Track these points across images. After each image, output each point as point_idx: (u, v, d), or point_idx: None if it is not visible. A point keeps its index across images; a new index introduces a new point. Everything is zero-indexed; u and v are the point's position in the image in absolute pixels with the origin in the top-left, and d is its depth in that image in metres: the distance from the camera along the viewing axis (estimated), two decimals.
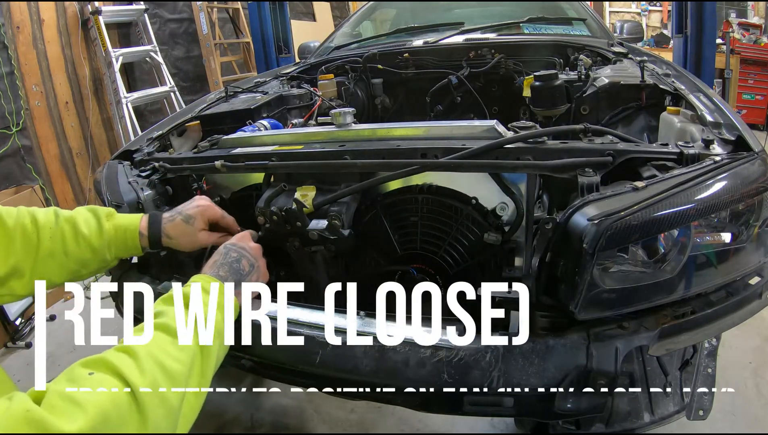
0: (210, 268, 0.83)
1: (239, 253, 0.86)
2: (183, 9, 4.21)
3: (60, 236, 0.83)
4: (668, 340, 0.80)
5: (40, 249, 0.81)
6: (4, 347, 2.14)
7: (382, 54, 1.99)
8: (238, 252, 0.86)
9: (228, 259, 0.84)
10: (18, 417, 0.47)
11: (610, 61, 1.66)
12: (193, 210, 0.95)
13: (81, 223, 0.86)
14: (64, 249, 0.83)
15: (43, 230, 0.81)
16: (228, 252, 0.85)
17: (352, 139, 1.06)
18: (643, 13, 7.13)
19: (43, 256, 0.81)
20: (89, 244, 0.86)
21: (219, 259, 0.84)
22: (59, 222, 0.84)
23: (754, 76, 5.06)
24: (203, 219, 0.95)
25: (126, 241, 0.91)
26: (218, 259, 0.84)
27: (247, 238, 0.91)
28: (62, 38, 3.10)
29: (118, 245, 0.91)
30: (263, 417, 1.66)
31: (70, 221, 0.85)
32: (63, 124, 3.07)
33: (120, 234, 0.90)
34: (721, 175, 0.80)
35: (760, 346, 1.83)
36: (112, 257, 0.91)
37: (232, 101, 1.63)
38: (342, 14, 6.46)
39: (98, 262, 0.89)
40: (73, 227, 0.85)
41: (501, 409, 0.83)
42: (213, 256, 0.86)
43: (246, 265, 0.85)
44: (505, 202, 1.00)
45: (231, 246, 0.87)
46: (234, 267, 0.84)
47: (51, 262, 0.82)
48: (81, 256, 0.85)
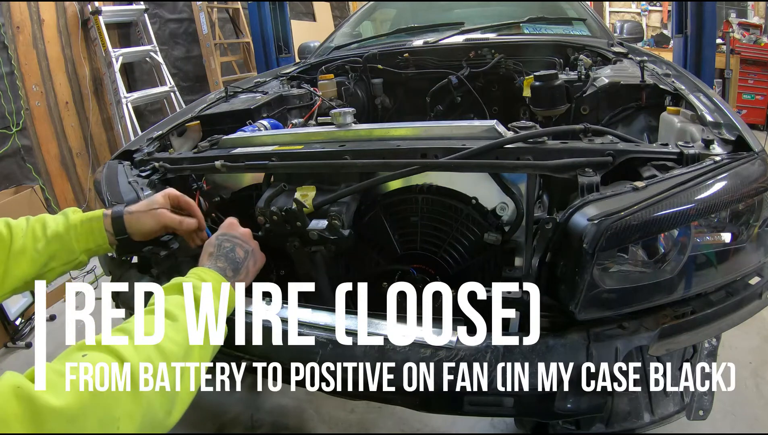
0: (207, 260, 0.85)
1: (232, 243, 0.88)
2: (183, 9, 4.20)
3: (31, 233, 0.86)
4: (668, 340, 0.80)
5: (13, 247, 0.84)
6: (4, 347, 2.14)
7: (382, 54, 1.99)
8: (230, 241, 0.88)
9: (223, 250, 0.86)
10: (7, 393, 0.47)
11: (610, 61, 1.66)
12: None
13: (49, 220, 0.90)
14: (35, 245, 0.86)
15: (16, 230, 0.85)
16: (221, 243, 0.87)
17: (352, 139, 1.06)
18: (643, 13, 7.12)
19: (15, 254, 0.84)
20: (56, 235, 0.88)
21: (214, 251, 0.86)
22: (30, 222, 0.88)
23: (754, 76, 5.06)
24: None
25: (92, 230, 0.92)
26: (213, 252, 0.86)
27: (235, 225, 0.92)
28: (62, 38, 3.10)
29: (85, 233, 0.92)
30: (263, 417, 1.66)
31: (40, 220, 0.89)
32: (63, 124, 3.07)
33: (86, 223, 0.92)
34: (721, 175, 0.80)
35: (760, 346, 1.83)
36: (80, 249, 0.92)
37: (232, 101, 1.63)
38: (342, 14, 6.46)
39: (67, 254, 0.90)
40: (42, 224, 0.89)
41: (501, 409, 0.83)
42: (207, 248, 0.88)
43: (240, 252, 0.88)
44: (505, 202, 1.00)
45: (222, 237, 0.89)
46: (230, 257, 0.86)
47: (22, 258, 0.84)
48: (49, 248, 0.88)
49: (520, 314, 0.85)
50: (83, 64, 3.20)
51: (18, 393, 0.47)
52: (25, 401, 0.47)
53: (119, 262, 1.14)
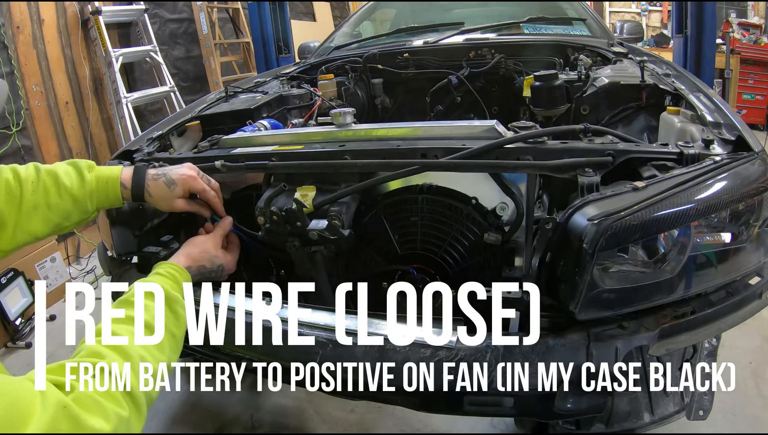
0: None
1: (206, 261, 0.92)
2: (183, 9, 4.20)
3: (42, 189, 0.84)
4: (668, 340, 0.80)
5: (24, 202, 0.82)
6: (4, 347, 2.15)
7: (382, 54, 1.99)
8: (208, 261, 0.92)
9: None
10: (58, 413, 0.49)
11: (610, 61, 1.66)
12: (177, 176, 0.95)
13: (62, 176, 0.87)
14: (47, 201, 0.84)
15: (26, 184, 0.83)
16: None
17: (352, 139, 1.06)
18: (643, 13, 7.12)
19: (27, 210, 0.82)
20: (71, 196, 0.87)
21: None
22: (41, 175, 0.85)
23: (754, 76, 5.05)
24: (184, 188, 0.95)
25: (108, 192, 0.92)
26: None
27: (210, 244, 0.94)
28: (62, 38, 3.10)
29: (100, 196, 0.91)
30: (263, 417, 1.66)
31: (51, 174, 0.86)
32: (63, 124, 3.07)
33: (102, 184, 0.91)
34: (721, 175, 0.80)
35: (760, 346, 1.83)
36: (93, 208, 0.92)
37: (232, 101, 1.63)
38: (342, 14, 6.45)
39: (80, 214, 0.90)
40: (55, 180, 0.86)
41: (501, 409, 0.83)
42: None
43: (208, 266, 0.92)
44: (505, 202, 1.00)
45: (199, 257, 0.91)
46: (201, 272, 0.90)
47: (34, 216, 0.83)
48: (63, 207, 0.86)
49: (520, 314, 0.86)
50: (83, 64, 3.19)
51: (66, 413, 0.50)
52: (73, 423, 0.50)
53: (119, 262, 1.14)
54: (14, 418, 0.45)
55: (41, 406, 0.47)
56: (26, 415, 0.46)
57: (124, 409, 0.56)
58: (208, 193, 0.99)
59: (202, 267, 0.89)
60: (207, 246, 0.92)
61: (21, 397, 0.47)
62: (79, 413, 0.50)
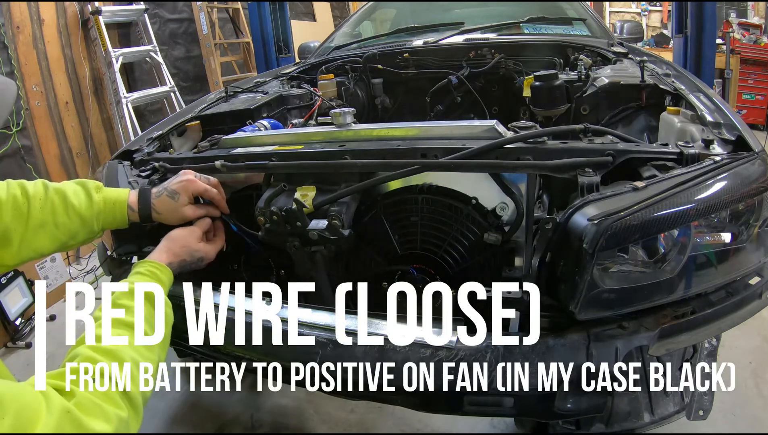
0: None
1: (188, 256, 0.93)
2: (183, 9, 4.20)
3: (50, 207, 0.85)
4: (668, 340, 0.80)
5: (31, 219, 0.82)
6: (4, 347, 2.15)
7: (382, 54, 1.99)
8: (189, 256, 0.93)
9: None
10: (63, 419, 0.52)
11: (610, 61, 1.66)
12: (177, 185, 0.97)
13: (71, 195, 0.88)
14: (54, 220, 0.85)
15: (34, 201, 0.83)
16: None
17: (352, 139, 1.06)
18: (643, 13, 7.12)
19: (34, 227, 0.82)
20: (79, 216, 0.88)
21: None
22: (49, 193, 0.86)
23: (754, 76, 5.05)
24: (187, 194, 0.96)
25: (115, 214, 0.93)
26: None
27: (192, 238, 0.94)
28: (62, 38, 3.09)
29: (107, 217, 0.93)
30: (263, 417, 1.66)
31: (59, 193, 0.87)
32: (63, 124, 3.07)
33: (109, 206, 0.93)
34: (721, 175, 0.80)
35: (760, 346, 1.83)
36: (99, 229, 0.93)
37: (232, 101, 1.63)
38: (342, 14, 6.45)
39: (86, 233, 0.91)
40: (63, 199, 0.87)
41: (501, 409, 0.83)
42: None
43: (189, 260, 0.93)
44: (505, 202, 1.00)
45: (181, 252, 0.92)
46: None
47: (41, 233, 0.84)
48: (70, 227, 0.87)
49: (520, 314, 0.86)
50: (83, 64, 3.19)
51: (70, 418, 0.53)
52: (77, 426, 0.53)
53: (119, 262, 1.14)
54: (24, 422, 0.49)
55: (46, 411, 0.51)
56: (34, 419, 0.50)
57: (123, 410, 0.59)
58: (210, 191, 0.99)
59: (183, 261, 0.91)
60: (188, 240, 0.93)
61: (29, 403, 0.51)
62: (81, 417, 0.54)
